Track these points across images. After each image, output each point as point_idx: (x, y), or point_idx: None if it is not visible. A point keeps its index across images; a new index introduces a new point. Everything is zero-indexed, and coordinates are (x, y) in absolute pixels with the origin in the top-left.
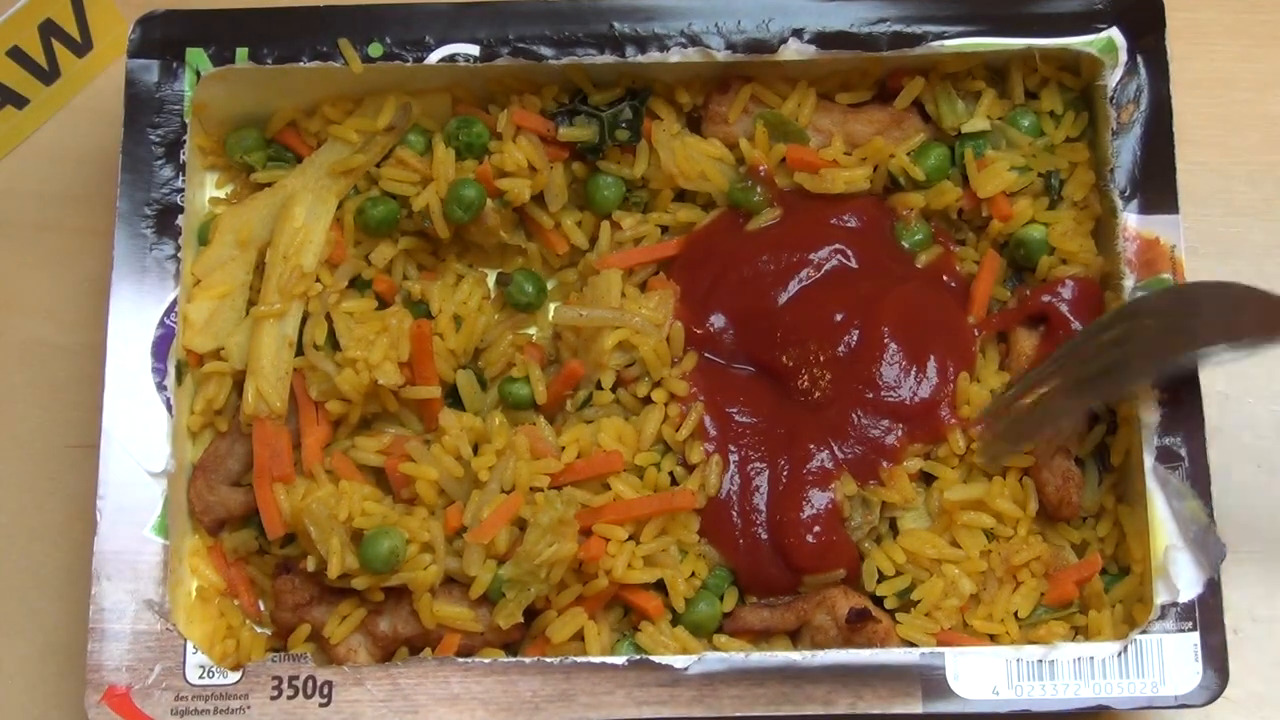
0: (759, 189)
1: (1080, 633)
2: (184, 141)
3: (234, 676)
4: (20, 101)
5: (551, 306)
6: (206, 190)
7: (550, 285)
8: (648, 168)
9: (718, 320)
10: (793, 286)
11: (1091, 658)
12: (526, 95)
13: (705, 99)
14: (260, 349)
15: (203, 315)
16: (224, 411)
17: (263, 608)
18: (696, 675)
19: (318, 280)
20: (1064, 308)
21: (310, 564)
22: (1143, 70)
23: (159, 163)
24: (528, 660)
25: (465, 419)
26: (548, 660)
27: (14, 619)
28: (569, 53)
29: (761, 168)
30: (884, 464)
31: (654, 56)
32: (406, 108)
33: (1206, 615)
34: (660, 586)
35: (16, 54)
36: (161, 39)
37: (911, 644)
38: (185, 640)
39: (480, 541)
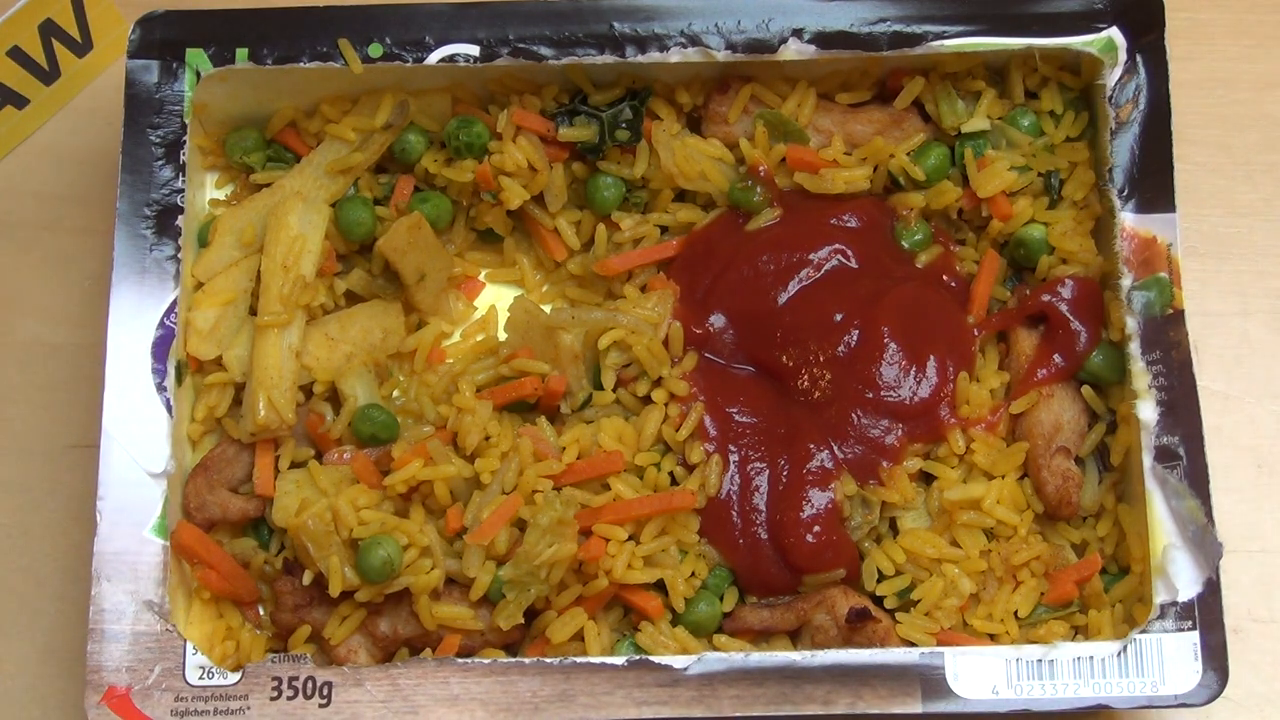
0: (759, 189)
1: (1080, 632)
2: (184, 142)
3: (234, 677)
4: (20, 101)
5: (547, 307)
6: (206, 191)
7: (545, 288)
8: (648, 168)
9: (718, 320)
10: (793, 286)
11: (1091, 657)
12: (526, 95)
13: (705, 99)
14: (266, 359)
15: (208, 322)
16: (225, 419)
17: (262, 612)
18: (696, 675)
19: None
20: (1064, 307)
21: (306, 577)
22: (1142, 70)
23: (159, 163)
24: (527, 661)
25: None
26: (547, 661)
27: (14, 619)
28: (569, 53)
29: (761, 168)
30: (884, 464)
31: (654, 56)
32: (404, 104)
33: (1206, 614)
34: (660, 586)
35: (16, 54)
36: (161, 39)
37: (911, 644)
38: (185, 641)
39: (480, 542)
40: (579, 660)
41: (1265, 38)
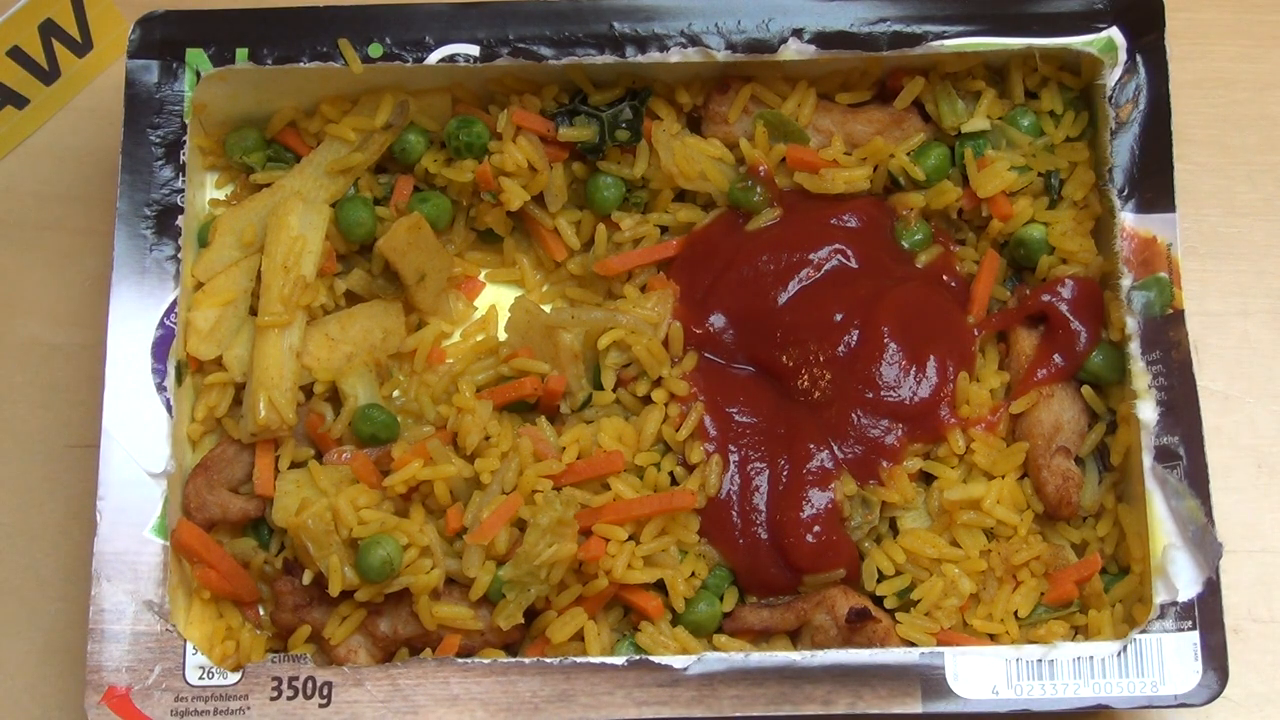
0: (759, 189)
1: (1080, 632)
2: (184, 142)
3: (234, 677)
4: (20, 101)
5: (547, 307)
6: (206, 191)
7: (545, 288)
8: (648, 168)
9: (718, 320)
10: (793, 286)
11: (1091, 657)
12: (526, 95)
13: (705, 99)
14: (266, 359)
15: (208, 322)
16: (225, 419)
17: (262, 612)
18: (696, 675)
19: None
20: (1064, 307)
21: (306, 577)
22: (1142, 70)
23: (159, 163)
24: (527, 661)
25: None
26: (547, 661)
27: (14, 619)
28: (569, 53)
29: (761, 168)
30: (884, 464)
31: (654, 56)
32: (404, 104)
33: (1206, 615)
34: (660, 586)
35: (16, 54)
36: (161, 39)
37: (911, 644)
38: (185, 641)
39: (480, 542)
40: (579, 660)
41: (1265, 38)
